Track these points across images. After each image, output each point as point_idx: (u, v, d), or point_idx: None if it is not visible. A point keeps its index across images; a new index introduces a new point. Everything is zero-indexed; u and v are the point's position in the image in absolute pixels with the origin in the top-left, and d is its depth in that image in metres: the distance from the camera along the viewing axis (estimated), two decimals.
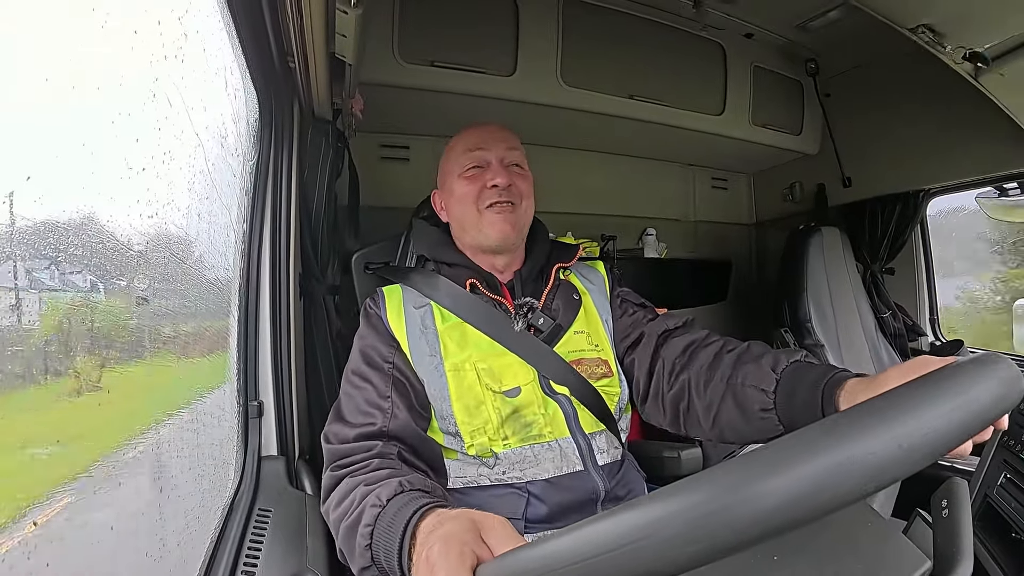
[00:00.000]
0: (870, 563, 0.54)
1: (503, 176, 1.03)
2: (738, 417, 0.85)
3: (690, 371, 0.95)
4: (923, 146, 1.95)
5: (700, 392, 0.92)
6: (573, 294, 1.10)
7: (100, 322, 0.68)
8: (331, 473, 0.83)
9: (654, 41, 1.91)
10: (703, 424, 0.92)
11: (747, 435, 0.87)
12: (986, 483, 1.16)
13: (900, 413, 0.33)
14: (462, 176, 1.06)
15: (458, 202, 1.06)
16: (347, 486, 0.78)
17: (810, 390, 0.74)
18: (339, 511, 0.76)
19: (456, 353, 0.97)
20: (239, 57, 0.97)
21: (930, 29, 1.22)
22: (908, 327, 2.28)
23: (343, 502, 0.76)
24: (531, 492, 0.92)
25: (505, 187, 1.03)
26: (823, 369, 0.76)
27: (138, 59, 0.64)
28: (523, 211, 1.06)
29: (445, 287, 1.03)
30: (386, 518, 0.66)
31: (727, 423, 0.88)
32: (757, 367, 0.84)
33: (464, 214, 1.06)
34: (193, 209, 0.85)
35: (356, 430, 0.87)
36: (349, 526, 0.73)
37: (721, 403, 0.88)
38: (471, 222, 1.05)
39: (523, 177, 1.07)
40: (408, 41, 1.55)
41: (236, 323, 1.07)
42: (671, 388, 0.98)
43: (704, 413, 0.91)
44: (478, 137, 1.08)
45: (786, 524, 0.30)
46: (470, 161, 1.06)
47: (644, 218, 2.45)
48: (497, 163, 1.05)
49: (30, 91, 0.48)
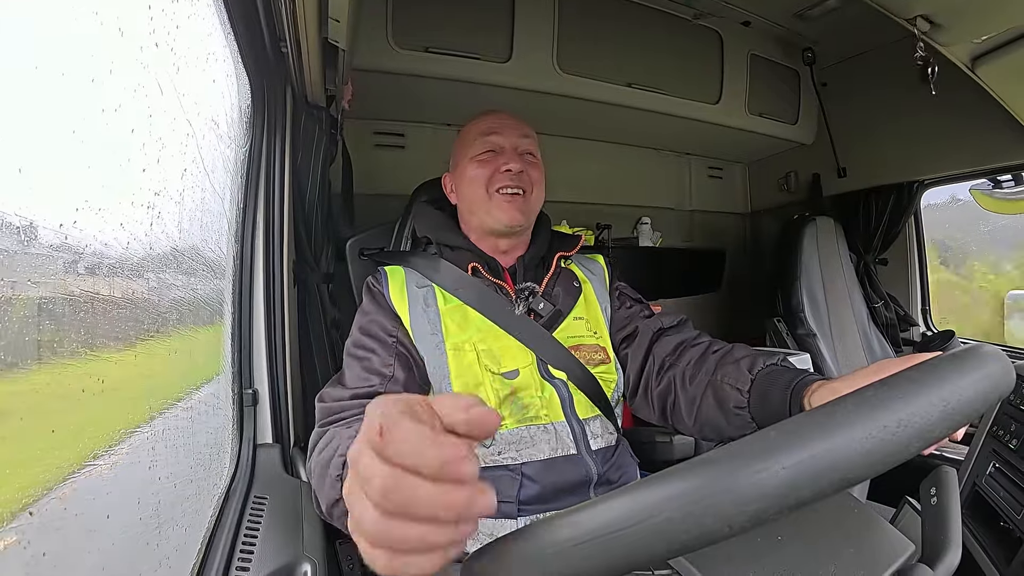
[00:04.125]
0: (860, 549, 0.55)
1: (516, 162, 1.04)
2: (717, 413, 0.89)
3: (677, 368, 0.98)
4: (918, 137, 1.95)
5: (685, 388, 0.95)
6: (573, 281, 1.11)
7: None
8: (318, 429, 0.83)
9: (651, 28, 1.90)
10: (687, 419, 0.95)
11: (724, 431, 0.90)
12: (975, 472, 1.17)
13: (889, 402, 0.33)
14: (475, 159, 1.06)
15: (469, 184, 1.07)
16: (330, 434, 0.77)
17: (781, 391, 0.77)
18: (319, 457, 0.75)
19: (457, 334, 0.98)
20: (230, 43, 0.96)
21: (927, 19, 1.22)
22: (900, 317, 2.30)
23: (324, 449, 0.75)
24: (524, 474, 0.93)
25: (517, 173, 1.04)
26: (795, 372, 0.79)
27: (128, 45, 0.63)
28: (533, 199, 1.07)
29: (446, 270, 1.04)
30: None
31: (707, 419, 0.91)
32: (736, 367, 0.88)
33: (474, 196, 1.06)
34: (187, 197, 0.84)
35: (352, 391, 0.88)
36: (323, 462, 0.71)
37: (703, 399, 0.91)
38: (480, 204, 1.06)
39: (535, 166, 1.08)
40: (402, 26, 1.53)
41: (230, 311, 1.06)
42: (659, 384, 1.00)
43: (687, 408, 0.94)
44: (493, 123, 1.09)
45: (788, 504, 0.30)
46: (484, 146, 1.06)
47: (639, 207, 2.45)
48: (511, 149, 1.06)
49: (19, 80, 0.48)
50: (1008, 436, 1.13)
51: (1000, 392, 0.37)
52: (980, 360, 0.37)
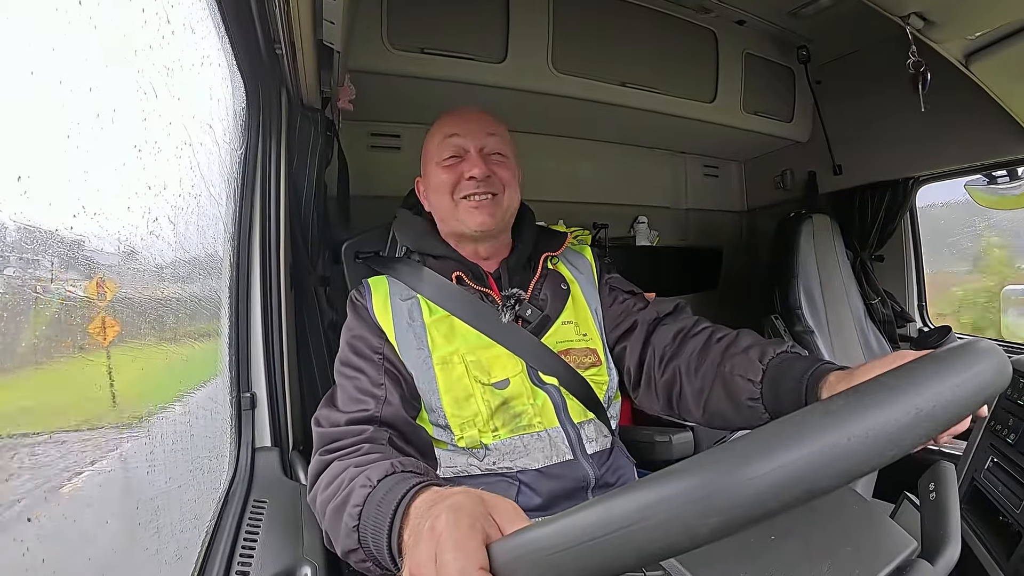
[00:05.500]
0: (859, 546, 0.55)
1: (480, 167, 1.00)
2: (727, 405, 0.87)
3: (680, 359, 0.97)
4: (913, 133, 1.95)
5: (691, 378, 0.94)
6: (561, 284, 1.09)
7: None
8: (319, 457, 0.82)
9: (645, 28, 1.90)
10: (694, 410, 0.94)
11: (735, 423, 0.89)
12: (973, 467, 1.17)
13: (889, 396, 0.33)
14: (439, 165, 1.03)
15: (435, 191, 1.05)
16: (336, 468, 0.76)
17: (795, 381, 0.76)
18: (326, 493, 0.74)
19: (443, 346, 0.97)
20: (225, 45, 0.96)
21: (920, 16, 1.22)
22: (897, 313, 2.31)
23: (331, 484, 0.74)
24: (522, 480, 0.93)
25: (483, 178, 1.00)
26: (808, 361, 0.78)
27: (123, 48, 0.63)
28: (505, 199, 1.04)
29: (430, 279, 1.02)
30: (376, 497, 0.64)
31: (716, 410, 0.90)
32: (745, 357, 0.86)
33: (441, 203, 1.04)
34: (183, 203, 0.84)
35: (347, 415, 0.87)
36: (336, 507, 0.71)
37: (711, 391, 0.90)
38: (447, 212, 1.04)
39: (503, 165, 1.04)
40: (397, 28, 1.53)
41: (227, 315, 1.06)
42: (663, 375, 0.99)
43: (695, 399, 0.93)
44: (456, 124, 1.05)
45: (787, 503, 0.30)
46: (448, 151, 1.03)
47: (636, 206, 2.45)
48: (475, 152, 1.02)
49: (14, 86, 0.47)
50: (1006, 431, 1.13)
51: (997, 387, 0.37)
52: (976, 355, 0.37)
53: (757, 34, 2.12)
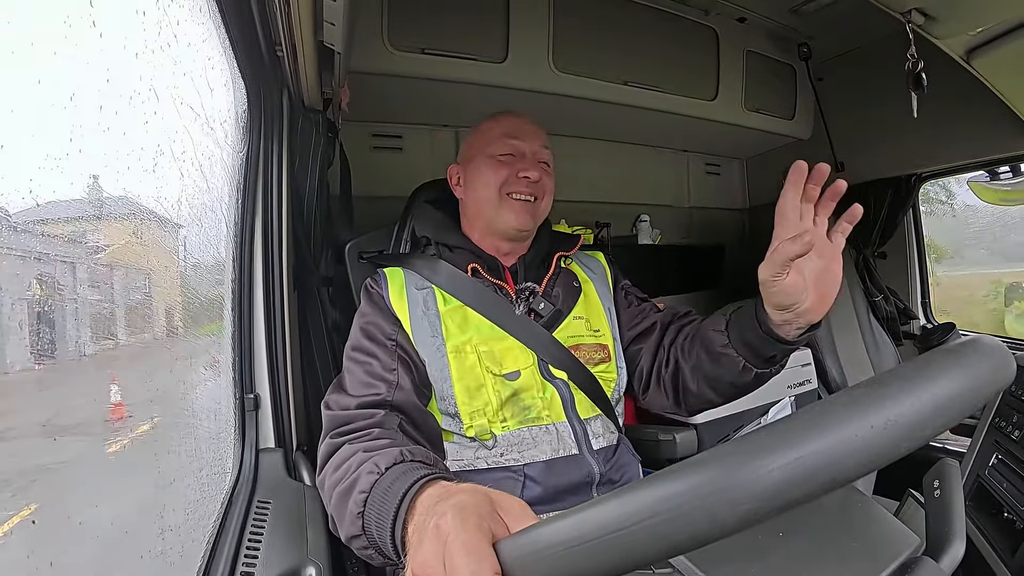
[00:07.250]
0: (865, 543, 0.55)
1: (536, 170, 1.06)
2: (709, 364, 0.94)
3: (676, 345, 1.03)
4: (915, 130, 1.94)
5: (686, 357, 0.99)
6: (573, 281, 1.12)
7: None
8: (329, 440, 0.82)
9: (646, 26, 1.89)
10: (692, 387, 0.99)
11: (723, 379, 0.94)
12: (977, 464, 1.17)
13: (892, 395, 0.33)
14: (495, 157, 1.07)
15: (484, 183, 1.07)
16: (345, 452, 0.76)
17: (748, 316, 0.87)
18: (335, 476, 0.74)
19: (457, 335, 0.98)
20: (226, 47, 0.96)
21: (921, 12, 1.22)
22: (900, 310, 2.30)
23: (339, 468, 0.74)
24: (527, 475, 0.93)
25: (535, 181, 1.06)
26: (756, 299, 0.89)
27: (126, 52, 0.63)
28: (543, 205, 1.10)
29: (446, 271, 1.04)
30: (383, 485, 0.64)
31: (705, 374, 0.96)
32: (713, 319, 0.95)
33: (486, 195, 1.07)
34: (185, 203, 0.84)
35: (358, 399, 0.88)
36: (342, 492, 0.70)
37: (698, 359, 0.96)
38: (490, 204, 1.06)
39: (549, 176, 1.11)
40: (398, 29, 1.53)
41: (230, 316, 1.06)
42: (668, 367, 1.03)
43: (692, 375, 0.98)
44: (516, 127, 1.10)
45: (793, 500, 0.30)
46: (506, 148, 1.07)
47: (638, 205, 2.44)
48: (531, 156, 1.08)
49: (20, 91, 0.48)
50: (1010, 427, 1.13)
51: (1000, 384, 0.37)
52: (980, 352, 0.37)
53: (758, 32, 2.11)
